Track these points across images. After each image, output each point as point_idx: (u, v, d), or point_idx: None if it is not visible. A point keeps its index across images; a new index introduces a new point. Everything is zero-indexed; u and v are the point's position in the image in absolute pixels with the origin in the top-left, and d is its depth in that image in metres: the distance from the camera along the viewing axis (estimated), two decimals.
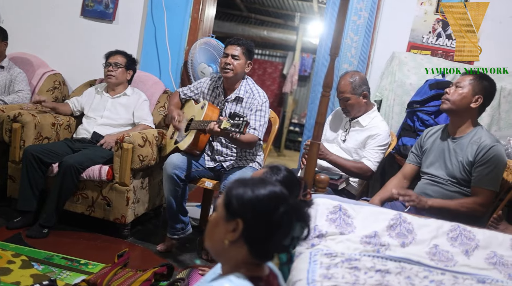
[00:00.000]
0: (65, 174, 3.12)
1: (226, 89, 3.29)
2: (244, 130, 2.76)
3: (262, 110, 3.18)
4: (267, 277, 1.38)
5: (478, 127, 2.67)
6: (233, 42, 3.21)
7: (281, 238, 1.32)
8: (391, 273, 1.87)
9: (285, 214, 1.31)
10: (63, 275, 2.64)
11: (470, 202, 2.57)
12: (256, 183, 1.34)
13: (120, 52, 3.60)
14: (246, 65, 3.22)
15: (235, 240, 1.31)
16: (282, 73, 10.02)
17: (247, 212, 1.30)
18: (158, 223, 3.73)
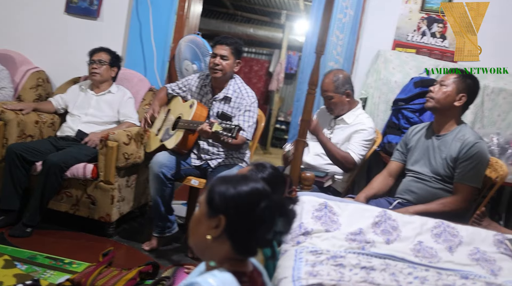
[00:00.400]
0: (49, 172, 3.09)
1: (214, 88, 3.27)
2: (236, 136, 2.75)
3: (251, 111, 3.17)
4: (251, 273, 1.39)
5: (462, 125, 2.70)
6: (222, 42, 3.18)
7: (263, 233, 1.34)
8: (376, 270, 1.88)
9: (267, 209, 1.32)
10: (46, 275, 2.62)
11: (452, 201, 2.60)
12: (238, 179, 1.36)
13: (104, 49, 3.57)
14: (235, 65, 3.21)
15: (218, 236, 1.32)
16: (268, 71, 10.02)
17: (229, 208, 1.31)
18: (144, 221, 3.71)
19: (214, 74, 3.17)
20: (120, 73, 3.70)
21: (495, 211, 3.57)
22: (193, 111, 3.12)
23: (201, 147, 3.24)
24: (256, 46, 10.28)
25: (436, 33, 3.78)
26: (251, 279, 1.37)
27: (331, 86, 3.14)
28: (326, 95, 3.18)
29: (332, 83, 3.14)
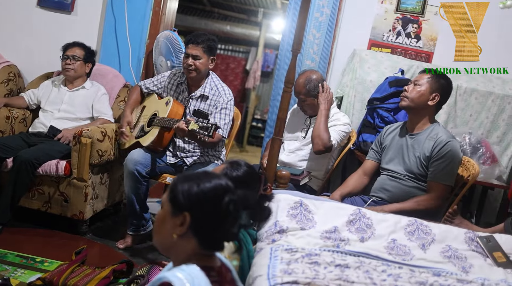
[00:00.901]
0: (20, 169, 3.02)
1: (190, 86, 3.25)
2: (213, 135, 2.74)
3: (227, 109, 3.16)
4: (219, 268, 1.40)
5: (435, 124, 2.74)
6: (193, 41, 3.12)
7: (229, 227, 1.35)
8: (350, 268, 1.89)
9: (231, 203, 1.34)
10: (17, 273, 2.56)
11: (426, 199, 2.64)
12: (201, 176, 1.37)
13: (78, 44, 3.51)
14: (209, 62, 3.18)
15: (183, 233, 1.33)
16: (245, 69, 10.01)
17: (193, 205, 1.32)
18: (118, 219, 3.67)
19: (188, 74, 3.15)
20: (95, 69, 3.64)
21: (467, 209, 3.64)
22: (169, 108, 3.09)
23: (177, 145, 3.21)
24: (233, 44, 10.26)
25: (411, 33, 3.83)
26: (219, 274, 1.38)
27: (303, 90, 3.17)
28: (299, 98, 3.21)
29: (304, 87, 3.16)
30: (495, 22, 3.45)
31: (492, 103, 3.58)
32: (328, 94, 3.13)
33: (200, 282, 1.27)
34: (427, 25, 3.77)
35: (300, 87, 3.17)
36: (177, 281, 1.24)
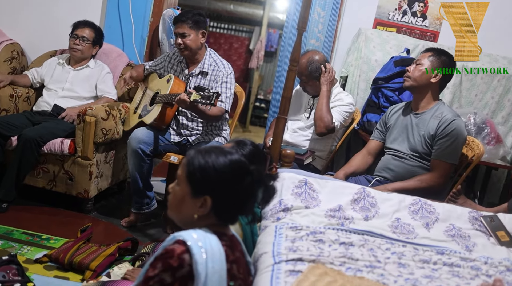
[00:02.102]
0: (25, 147, 3.03)
1: (189, 64, 3.23)
2: (215, 102, 2.73)
3: (228, 82, 3.14)
4: (231, 236, 1.46)
5: (439, 103, 2.73)
6: (177, 19, 3.11)
7: (248, 204, 1.42)
8: (354, 246, 1.90)
9: (250, 183, 1.39)
10: (23, 250, 2.59)
11: (429, 177, 2.64)
12: (218, 155, 1.39)
13: (89, 24, 3.48)
14: (199, 37, 3.14)
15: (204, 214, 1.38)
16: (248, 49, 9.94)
17: (213, 189, 1.37)
18: (122, 198, 3.69)
19: (181, 53, 3.15)
20: None
21: (471, 189, 3.65)
22: (170, 85, 3.08)
23: (180, 122, 3.21)
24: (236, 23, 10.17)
25: (417, 12, 3.79)
26: (231, 241, 1.43)
27: (305, 71, 3.15)
28: (300, 78, 3.20)
29: (306, 68, 3.15)
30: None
31: (497, 83, 3.56)
32: (330, 75, 3.11)
33: (212, 242, 1.32)
34: (433, 3, 3.73)
35: (302, 69, 3.15)
36: (191, 239, 1.29)
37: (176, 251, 1.28)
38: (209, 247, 1.30)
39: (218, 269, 1.30)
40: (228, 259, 1.37)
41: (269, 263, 1.67)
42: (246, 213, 1.46)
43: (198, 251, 1.28)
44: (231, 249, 1.40)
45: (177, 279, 1.26)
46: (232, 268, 1.38)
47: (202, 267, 1.27)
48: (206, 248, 1.29)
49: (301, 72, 3.16)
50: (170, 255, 1.28)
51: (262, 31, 9.31)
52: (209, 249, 1.30)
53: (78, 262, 2.47)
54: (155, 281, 1.27)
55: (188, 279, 1.27)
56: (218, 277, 1.30)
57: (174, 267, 1.27)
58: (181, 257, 1.27)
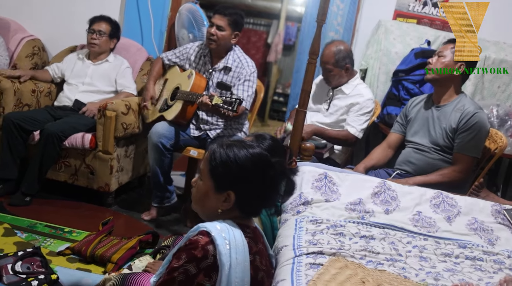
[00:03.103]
0: (47, 142, 3.08)
1: (213, 58, 3.23)
2: (237, 109, 2.73)
3: (251, 81, 3.14)
4: (254, 228, 1.47)
5: (461, 95, 2.69)
6: (220, 11, 3.11)
7: (271, 197, 1.44)
8: (375, 239, 1.89)
9: (273, 176, 1.40)
10: (47, 243, 2.63)
11: (451, 171, 2.60)
12: (239, 149, 1.40)
13: (105, 18, 3.50)
14: (232, 37, 3.14)
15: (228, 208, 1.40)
16: (266, 42, 9.91)
17: (237, 183, 1.38)
18: (143, 191, 3.72)
19: (209, 45, 3.14)
20: (118, 43, 3.64)
21: (493, 182, 3.59)
22: (191, 82, 3.08)
23: (200, 117, 3.22)
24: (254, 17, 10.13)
25: (438, 3, 3.73)
26: (254, 233, 1.44)
27: (331, 59, 3.11)
28: (326, 67, 3.15)
29: (333, 57, 3.10)
30: None
31: None
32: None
33: (235, 234, 1.33)
34: None
35: (328, 57, 3.12)
36: (214, 230, 1.31)
37: (200, 242, 1.29)
38: (233, 239, 1.31)
39: (241, 260, 1.31)
40: (251, 250, 1.38)
41: (289, 256, 1.68)
42: (269, 205, 1.48)
43: (222, 242, 1.29)
44: (254, 241, 1.41)
45: (202, 269, 1.27)
46: (255, 259, 1.39)
47: (226, 258, 1.28)
48: (229, 239, 1.30)
49: (327, 61, 3.13)
50: (195, 246, 1.29)
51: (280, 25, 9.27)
52: (233, 240, 1.31)
53: (100, 254, 2.50)
54: (179, 272, 1.28)
55: (212, 269, 1.28)
56: (241, 268, 1.31)
57: (198, 258, 1.28)
58: (205, 247, 1.28)
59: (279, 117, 9.66)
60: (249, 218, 1.46)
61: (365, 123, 3.11)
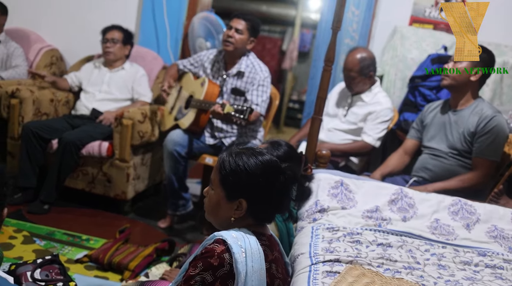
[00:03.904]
0: (65, 150, 3.11)
1: (227, 64, 3.25)
2: (249, 117, 2.74)
3: (264, 86, 3.15)
4: (270, 236, 1.47)
5: (479, 100, 2.66)
6: (240, 16, 3.17)
7: (283, 202, 1.44)
8: (392, 247, 1.87)
9: (284, 181, 1.40)
10: (65, 250, 2.65)
11: (471, 176, 2.57)
12: (248, 157, 1.40)
13: (116, 27, 3.55)
14: (248, 41, 3.17)
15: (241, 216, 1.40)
16: (281, 49, 9.92)
17: (247, 191, 1.38)
18: (159, 199, 3.73)
19: (225, 47, 3.15)
20: (134, 51, 3.68)
21: None
22: (204, 89, 3.10)
23: (215, 125, 3.23)
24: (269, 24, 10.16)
25: None
26: (269, 240, 1.44)
27: (356, 67, 3.09)
28: (349, 75, 3.13)
29: (358, 64, 3.09)
30: None
31: None
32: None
33: (251, 242, 1.33)
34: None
35: (352, 65, 3.10)
36: (230, 238, 1.31)
37: (216, 250, 1.29)
38: (249, 247, 1.31)
39: (257, 268, 1.30)
40: (267, 258, 1.37)
41: (306, 264, 1.67)
42: (282, 211, 1.48)
43: (238, 250, 1.29)
44: (269, 249, 1.41)
45: (218, 278, 1.28)
46: (271, 267, 1.39)
47: (242, 266, 1.28)
48: (245, 248, 1.30)
49: (351, 68, 3.10)
50: (211, 254, 1.29)
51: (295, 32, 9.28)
52: (249, 248, 1.31)
53: (117, 262, 2.52)
54: (196, 280, 1.28)
55: (229, 278, 1.28)
56: (257, 276, 1.30)
57: (214, 266, 1.28)
58: (222, 256, 1.28)
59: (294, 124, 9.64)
60: (264, 225, 1.46)
61: (383, 132, 3.09)
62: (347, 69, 3.13)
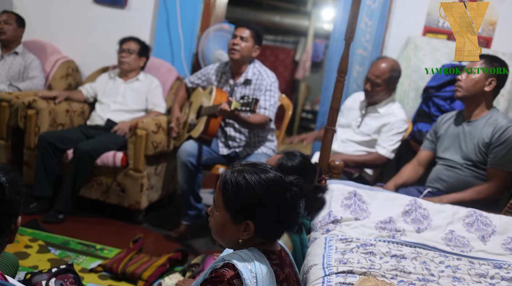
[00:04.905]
0: (80, 160, 3.15)
1: (234, 74, 3.28)
2: (254, 108, 2.74)
3: (272, 90, 3.17)
4: (279, 252, 1.43)
5: (493, 110, 2.65)
6: (243, 25, 3.23)
7: (291, 219, 1.39)
8: (406, 258, 1.86)
9: (290, 198, 1.36)
10: (79, 260, 2.67)
11: (486, 187, 2.55)
12: (251, 176, 1.34)
13: (133, 38, 3.60)
14: (253, 49, 3.21)
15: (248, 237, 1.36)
16: (294, 60, 9.95)
17: (253, 212, 1.34)
18: (172, 209, 3.75)
19: (231, 55, 3.19)
20: (149, 63, 3.73)
21: None
22: (213, 97, 3.13)
23: (228, 134, 3.25)
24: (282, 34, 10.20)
25: None
26: (279, 257, 1.41)
27: (384, 75, 3.08)
28: (374, 81, 3.09)
29: (387, 73, 3.07)
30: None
31: None
32: None
33: (261, 265, 1.31)
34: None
35: (382, 72, 3.07)
36: (240, 263, 1.28)
37: (226, 275, 1.26)
38: (259, 271, 1.28)
39: None
40: (278, 279, 1.35)
41: (319, 275, 1.66)
42: (291, 227, 1.42)
43: (248, 276, 1.26)
44: (280, 268, 1.38)
45: None
46: None
47: None
48: (256, 272, 1.28)
49: (379, 75, 3.08)
50: (220, 280, 1.26)
51: (308, 42, 9.30)
52: (259, 272, 1.28)
53: (131, 272, 2.53)
54: None
55: None
56: None
57: None
58: (231, 282, 1.26)
59: None
60: (273, 242, 1.42)
61: (397, 143, 3.08)
62: (374, 75, 3.09)
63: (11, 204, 1.22)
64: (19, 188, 1.27)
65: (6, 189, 1.20)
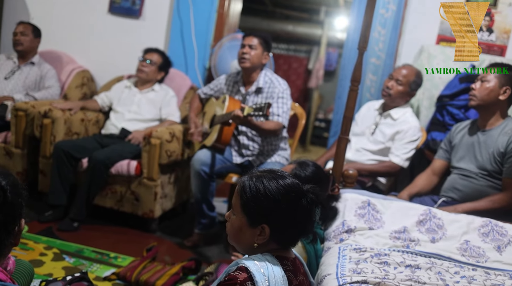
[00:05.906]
0: (95, 169, 3.18)
1: (246, 83, 3.30)
2: (267, 112, 2.75)
3: (284, 97, 3.18)
4: (294, 259, 1.44)
5: (508, 119, 2.63)
6: (250, 33, 3.26)
7: (307, 226, 1.41)
8: (421, 268, 1.85)
9: (306, 205, 1.38)
10: (93, 268, 2.69)
11: (502, 197, 2.52)
12: (269, 182, 1.37)
13: (158, 51, 3.65)
14: (263, 56, 3.23)
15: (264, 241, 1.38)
16: (307, 68, 9.96)
17: (270, 217, 1.36)
18: (186, 218, 3.76)
19: (242, 64, 3.21)
20: None
21: None
22: (226, 105, 3.15)
23: (241, 142, 3.26)
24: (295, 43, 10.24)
25: (483, 26, 3.67)
26: (293, 264, 1.42)
27: (410, 77, 3.11)
28: (398, 79, 3.11)
29: (413, 76, 3.12)
30: None
31: None
32: None
33: (274, 269, 1.32)
34: (500, 17, 3.60)
35: (409, 73, 3.12)
36: (253, 266, 1.30)
37: (239, 278, 1.29)
38: (272, 274, 1.30)
39: None
40: (291, 284, 1.36)
41: (333, 285, 1.66)
42: (306, 234, 1.44)
43: (261, 279, 1.28)
44: (294, 274, 1.39)
45: None
46: None
47: None
48: (268, 276, 1.29)
49: (406, 75, 3.11)
50: (234, 282, 1.29)
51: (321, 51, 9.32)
52: (272, 276, 1.30)
53: (144, 280, 2.54)
54: None
55: None
56: None
57: None
58: (244, 284, 1.28)
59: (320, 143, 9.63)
60: (288, 249, 1.44)
61: (411, 152, 3.06)
62: (400, 75, 3.11)
63: (13, 206, 1.28)
64: (20, 190, 1.32)
65: (8, 191, 1.25)
